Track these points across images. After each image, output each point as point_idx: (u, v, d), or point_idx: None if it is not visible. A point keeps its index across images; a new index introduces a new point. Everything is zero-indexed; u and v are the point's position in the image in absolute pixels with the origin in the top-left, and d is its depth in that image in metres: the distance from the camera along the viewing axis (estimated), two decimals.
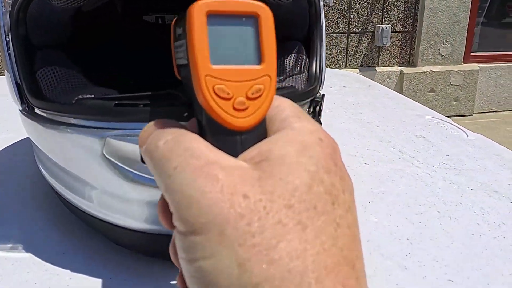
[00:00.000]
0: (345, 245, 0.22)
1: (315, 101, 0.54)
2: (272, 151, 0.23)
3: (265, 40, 0.25)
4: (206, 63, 0.24)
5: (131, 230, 0.47)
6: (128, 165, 0.43)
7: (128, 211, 0.46)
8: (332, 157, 0.24)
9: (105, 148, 0.43)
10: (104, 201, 0.47)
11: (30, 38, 0.51)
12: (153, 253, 0.50)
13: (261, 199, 0.21)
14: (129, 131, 0.43)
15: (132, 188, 0.44)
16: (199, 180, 0.22)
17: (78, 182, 0.48)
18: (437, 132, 0.89)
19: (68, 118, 0.45)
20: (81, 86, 0.50)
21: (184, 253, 0.22)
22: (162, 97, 0.44)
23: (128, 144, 0.43)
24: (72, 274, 0.47)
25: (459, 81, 3.78)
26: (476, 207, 0.62)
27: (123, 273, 0.48)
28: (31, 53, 0.51)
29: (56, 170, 0.51)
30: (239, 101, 0.24)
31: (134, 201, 0.45)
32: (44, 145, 0.50)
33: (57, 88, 0.49)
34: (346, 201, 0.23)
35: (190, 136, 0.24)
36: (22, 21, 0.50)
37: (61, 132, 0.46)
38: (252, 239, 0.21)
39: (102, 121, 0.43)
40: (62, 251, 0.51)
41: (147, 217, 0.46)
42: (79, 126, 0.45)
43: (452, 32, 3.68)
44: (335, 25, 3.55)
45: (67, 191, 0.50)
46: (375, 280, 0.48)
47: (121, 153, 0.43)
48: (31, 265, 0.49)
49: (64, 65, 0.51)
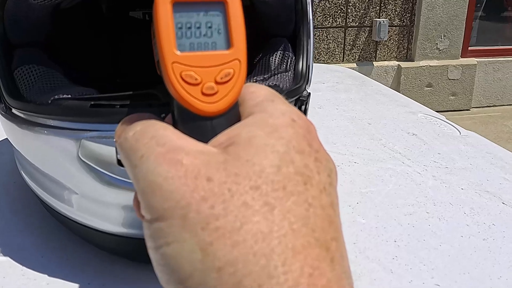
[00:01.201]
0: (317, 226, 0.21)
1: (300, 100, 0.53)
2: (240, 134, 0.23)
3: (233, 25, 0.25)
4: (172, 50, 0.24)
5: (110, 234, 0.46)
6: (104, 168, 0.42)
7: (106, 215, 0.45)
8: (306, 138, 0.23)
9: (81, 150, 0.42)
10: (82, 204, 0.46)
11: (7, 36, 0.50)
12: (133, 257, 0.48)
13: (226, 182, 0.21)
14: (104, 133, 0.41)
15: (109, 192, 0.43)
16: (162, 166, 0.21)
17: (56, 185, 0.47)
18: (429, 129, 0.87)
19: (44, 119, 0.44)
20: (59, 85, 0.48)
21: (150, 241, 0.21)
22: (141, 97, 0.43)
23: (103, 146, 0.41)
24: (50, 278, 0.46)
25: (456, 75, 3.77)
26: (466, 208, 0.61)
27: (101, 277, 0.47)
28: (9, 51, 0.50)
29: (34, 172, 0.49)
30: (208, 86, 0.24)
31: (112, 204, 0.44)
32: (22, 147, 0.49)
33: (34, 88, 0.47)
34: (321, 182, 0.22)
35: (158, 125, 0.23)
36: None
37: (37, 133, 0.45)
38: (216, 222, 0.20)
39: (77, 122, 0.42)
40: (41, 254, 0.50)
41: (126, 221, 0.45)
42: (55, 128, 0.43)
43: (450, 26, 3.66)
44: (332, 19, 3.53)
45: (46, 194, 0.49)
46: (360, 285, 0.47)
47: (97, 156, 0.42)
48: (8, 269, 0.47)
49: (43, 63, 0.50)
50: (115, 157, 0.41)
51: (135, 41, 0.70)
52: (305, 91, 0.55)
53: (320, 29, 3.53)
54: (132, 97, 0.43)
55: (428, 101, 3.74)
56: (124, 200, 0.43)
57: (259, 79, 0.52)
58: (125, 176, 0.42)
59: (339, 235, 0.22)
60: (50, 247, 0.51)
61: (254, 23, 0.60)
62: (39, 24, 0.52)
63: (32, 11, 0.50)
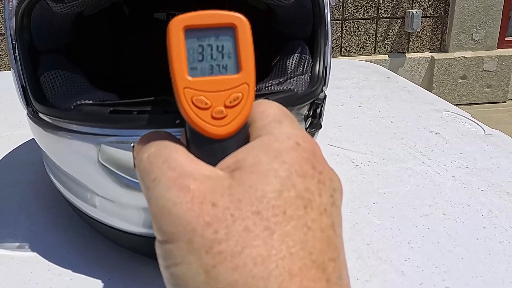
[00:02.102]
0: (315, 249, 0.22)
1: (315, 103, 0.54)
2: (246, 159, 0.24)
3: (243, 50, 0.26)
4: (184, 76, 0.25)
5: (130, 233, 0.48)
6: (122, 172, 0.44)
7: (126, 215, 0.47)
8: (310, 161, 0.24)
9: (100, 155, 0.44)
10: (103, 205, 0.48)
11: (34, 43, 0.52)
12: (151, 255, 0.50)
13: (229, 207, 0.22)
14: (122, 138, 0.43)
15: (128, 194, 0.45)
16: (172, 191, 0.23)
17: (79, 186, 0.50)
18: (453, 128, 0.87)
19: (67, 124, 0.47)
20: (82, 90, 0.50)
21: (161, 260, 0.24)
22: (158, 104, 0.45)
23: (121, 151, 0.43)
24: (73, 274, 0.49)
25: (492, 67, 3.68)
26: (484, 209, 0.61)
27: (121, 273, 0.49)
28: (36, 57, 0.52)
29: (59, 173, 0.52)
30: (217, 110, 0.25)
31: (130, 206, 0.46)
32: (48, 149, 0.52)
33: (59, 92, 0.50)
34: (323, 203, 0.24)
35: (171, 148, 0.25)
36: (26, 27, 0.51)
37: (61, 137, 0.47)
38: (219, 246, 0.22)
39: (97, 127, 0.44)
40: (66, 251, 0.52)
41: (144, 221, 0.47)
42: (77, 132, 0.46)
43: (485, 17, 3.57)
44: (363, 10, 3.48)
45: (70, 194, 0.52)
46: (371, 286, 0.48)
47: (115, 160, 0.44)
48: (35, 265, 0.50)
49: (67, 68, 0.52)
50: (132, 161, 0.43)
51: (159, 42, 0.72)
52: (322, 93, 0.56)
53: (351, 20, 3.49)
54: (149, 103, 0.45)
55: (462, 93, 3.67)
56: (142, 202, 0.45)
57: (274, 83, 0.53)
58: None
59: (339, 255, 0.23)
60: (74, 244, 0.53)
61: (271, 26, 0.61)
62: (63, 31, 0.54)
63: (56, 19, 0.52)
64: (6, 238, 0.55)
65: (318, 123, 0.54)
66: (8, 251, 0.52)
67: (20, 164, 0.72)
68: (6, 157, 0.74)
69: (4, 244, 0.54)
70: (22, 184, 0.66)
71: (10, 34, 0.52)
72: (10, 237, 0.55)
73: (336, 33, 3.48)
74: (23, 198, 0.63)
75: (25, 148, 0.77)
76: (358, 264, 0.51)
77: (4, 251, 0.53)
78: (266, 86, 0.52)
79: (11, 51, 0.52)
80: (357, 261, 0.51)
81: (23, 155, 0.75)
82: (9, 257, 0.51)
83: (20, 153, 0.75)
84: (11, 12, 0.51)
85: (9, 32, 0.52)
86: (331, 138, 0.82)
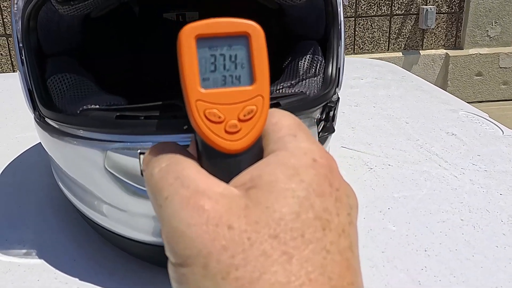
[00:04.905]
0: (334, 273, 0.21)
1: (328, 106, 0.52)
2: (262, 177, 0.23)
3: (257, 59, 0.25)
4: (196, 88, 0.24)
5: (138, 242, 0.47)
6: (129, 179, 0.43)
7: (133, 223, 0.46)
8: (328, 178, 0.23)
9: (106, 161, 0.43)
10: (110, 212, 0.47)
11: (41, 45, 0.51)
12: (160, 263, 0.49)
13: (246, 230, 0.21)
14: (128, 144, 0.42)
15: (135, 201, 0.44)
16: (185, 212, 0.22)
17: (86, 193, 0.49)
18: (470, 129, 0.84)
19: (73, 129, 0.45)
20: (89, 94, 0.49)
21: (174, 283, 0.22)
22: (165, 108, 0.44)
23: (128, 157, 0.42)
24: (80, 283, 0.48)
25: (508, 63, 3.62)
26: (504, 215, 0.59)
27: (129, 282, 0.48)
28: (43, 60, 0.51)
29: (66, 179, 0.51)
30: (231, 124, 0.24)
31: (138, 214, 0.45)
32: (54, 154, 0.51)
33: (65, 96, 0.49)
34: (341, 223, 0.23)
35: (183, 163, 0.24)
36: (33, 29, 0.50)
37: (67, 142, 0.46)
38: (236, 272, 0.20)
39: (103, 133, 0.43)
40: (73, 258, 0.52)
41: (152, 229, 0.46)
42: (83, 138, 0.45)
43: (501, 12, 3.51)
44: (377, 7, 3.45)
45: (77, 200, 0.51)
46: None
47: (122, 167, 0.43)
48: (42, 272, 0.49)
49: (74, 71, 0.51)
50: (139, 169, 0.42)
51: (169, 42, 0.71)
52: (335, 96, 0.54)
53: (364, 18, 3.46)
54: (156, 108, 0.43)
55: (477, 91, 3.61)
56: (149, 211, 0.44)
57: (286, 86, 0.51)
58: None
59: (357, 278, 0.23)
60: (82, 252, 0.52)
61: (283, 26, 0.59)
62: (70, 33, 0.53)
63: (63, 21, 0.51)
64: (13, 244, 0.54)
65: (331, 127, 0.52)
66: (15, 258, 0.52)
67: (29, 167, 0.71)
68: (16, 160, 0.74)
69: (11, 251, 0.53)
70: (31, 188, 0.65)
71: (17, 37, 0.51)
72: (17, 243, 0.54)
73: (349, 31, 3.45)
74: (32, 202, 0.62)
75: (35, 150, 0.76)
76: (372, 273, 0.49)
77: (12, 258, 0.52)
78: (277, 89, 0.51)
79: (18, 54, 0.51)
80: (371, 269, 0.49)
81: (32, 157, 0.74)
82: (16, 265, 0.51)
83: (29, 155, 0.75)
84: (17, 15, 0.50)
85: (16, 35, 0.51)
86: (344, 140, 0.80)
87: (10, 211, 0.61)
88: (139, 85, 0.65)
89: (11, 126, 0.88)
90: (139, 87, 0.62)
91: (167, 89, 0.55)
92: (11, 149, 0.77)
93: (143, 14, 0.71)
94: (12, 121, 0.90)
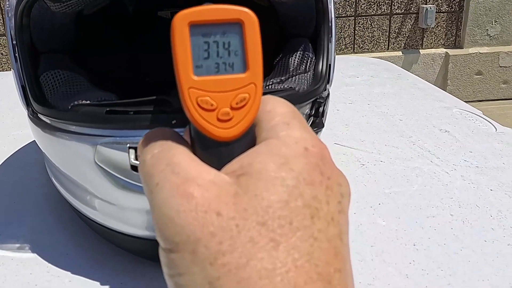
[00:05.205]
0: (321, 260, 0.22)
1: (317, 102, 0.52)
2: (252, 165, 0.23)
3: (250, 47, 0.25)
4: (189, 75, 0.24)
5: (129, 236, 0.48)
6: (119, 173, 0.44)
7: (124, 217, 0.46)
8: (319, 167, 0.24)
9: (96, 156, 0.44)
10: (102, 207, 0.48)
11: (34, 42, 0.52)
12: (152, 257, 0.50)
13: (234, 217, 0.21)
14: (118, 139, 0.43)
15: (125, 195, 0.45)
16: (175, 199, 0.22)
17: (78, 188, 0.49)
18: (463, 126, 0.85)
19: (65, 125, 0.46)
20: (82, 90, 0.50)
21: (165, 268, 0.23)
22: (155, 103, 0.44)
23: (117, 152, 0.43)
24: (72, 276, 0.49)
25: (508, 62, 3.61)
26: (493, 210, 0.60)
27: (121, 276, 0.49)
28: (37, 57, 0.52)
29: (59, 175, 0.52)
30: (223, 112, 0.24)
31: (129, 208, 0.46)
32: (47, 150, 0.52)
33: (58, 93, 0.49)
34: (330, 212, 0.23)
35: (175, 150, 0.24)
36: (26, 26, 0.50)
37: (59, 138, 0.47)
38: (223, 258, 0.21)
39: (93, 128, 0.44)
40: (66, 252, 0.52)
41: (143, 223, 0.46)
42: (74, 133, 0.45)
43: (501, 11, 3.51)
44: (377, 6, 3.45)
45: (69, 195, 0.51)
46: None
47: (112, 161, 0.43)
48: (34, 266, 0.50)
49: (67, 68, 0.52)
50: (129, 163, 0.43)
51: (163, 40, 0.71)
52: (325, 92, 0.55)
53: (364, 17, 3.46)
54: (145, 103, 0.44)
55: (477, 90, 3.61)
56: (140, 204, 0.45)
57: (276, 81, 0.52)
58: (140, 181, 0.44)
59: (345, 265, 0.23)
60: (74, 246, 0.53)
61: (274, 24, 0.60)
62: (63, 30, 0.54)
63: (56, 18, 0.52)
64: (8, 239, 0.55)
65: (321, 122, 0.53)
66: (8, 252, 0.52)
67: (24, 164, 0.72)
68: (11, 158, 0.74)
69: (5, 245, 0.53)
70: (26, 184, 0.66)
71: (10, 34, 0.52)
72: (12, 238, 0.55)
73: (349, 30, 3.45)
74: (26, 198, 0.63)
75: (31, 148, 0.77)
76: (361, 266, 0.49)
77: (5, 252, 0.52)
78: (267, 85, 0.51)
79: (11, 51, 0.52)
80: (360, 263, 0.50)
81: (28, 155, 0.75)
82: (9, 258, 0.51)
83: (25, 153, 0.75)
84: (10, 12, 0.51)
85: (9, 32, 0.52)
86: (338, 136, 0.80)
87: (5, 207, 0.61)
88: (132, 82, 0.65)
89: (7, 124, 0.88)
90: (132, 84, 0.63)
91: (161, 86, 0.56)
92: (8, 146, 0.77)
93: (137, 12, 0.72)
94: (9, 118, 0.91)
